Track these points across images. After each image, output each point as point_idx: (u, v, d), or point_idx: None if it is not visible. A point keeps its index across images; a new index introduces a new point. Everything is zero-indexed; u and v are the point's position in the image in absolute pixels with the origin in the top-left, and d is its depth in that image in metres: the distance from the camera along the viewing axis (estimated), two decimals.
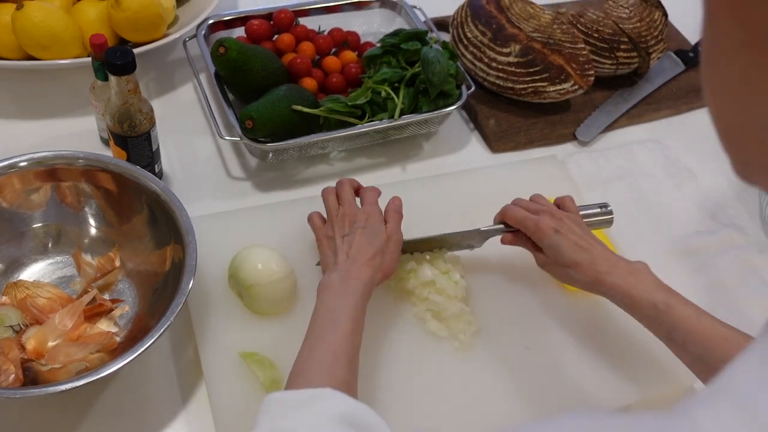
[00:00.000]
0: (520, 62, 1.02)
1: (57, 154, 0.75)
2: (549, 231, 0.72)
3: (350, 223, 0.72)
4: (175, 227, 0.73)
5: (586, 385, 0.76)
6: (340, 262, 0.69)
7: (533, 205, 0.77)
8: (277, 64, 0.94)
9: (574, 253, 0.70)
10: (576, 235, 0.72)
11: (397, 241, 0.73)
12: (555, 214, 0.74)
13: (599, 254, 0.70)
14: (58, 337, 0.70)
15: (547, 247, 0.73)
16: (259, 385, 0.70)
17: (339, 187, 0.77)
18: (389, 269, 0.72)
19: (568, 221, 0.73)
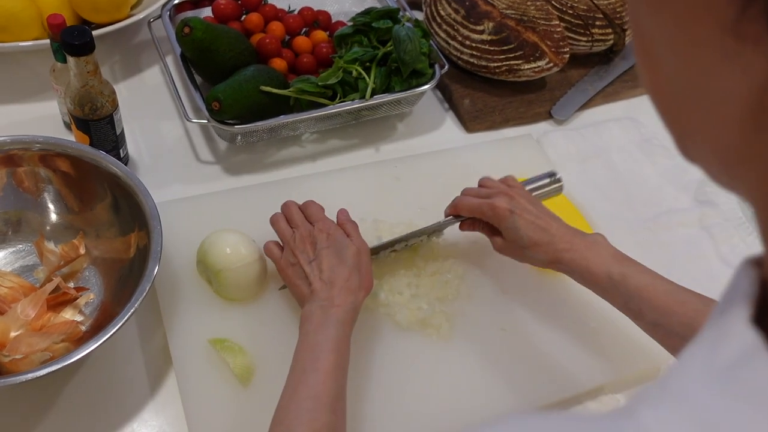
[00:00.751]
0: (494, 40, 1.00)
1: (14, 139, 0.72)
2: (505, 213, 0.70)
3: (311, 245, 0.68)
4: (139, 212, 0.71)
5: (561, 365, 0.75)
6: (317, 290, 0.65)
7: (483, 190, 0.75)
8: (245, 45, 0.91)
9: (532, 232, 0.69)
10: (532, 215, 0.71)
11: (365, 251, 0.70)
12: (507, 192, 0.73)
13: (557, 232, 0.70)
14: (20, 327, 0.68)
15: (505, 230, 0.71)
16: (230, 372, 0.69)
17: (285, 210, 0.74)
18: (369, 283, 0.68)
19: (521, 200, 0.72)
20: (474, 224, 0.76)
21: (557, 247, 0.69)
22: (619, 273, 0.66)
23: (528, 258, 0.72)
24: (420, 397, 0.70)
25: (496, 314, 0.78)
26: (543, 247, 0.69)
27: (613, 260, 0.67)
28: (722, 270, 0.89)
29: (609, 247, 0.69)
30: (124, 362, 0.71)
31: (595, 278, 0.67)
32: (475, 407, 0.70)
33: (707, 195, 0.97)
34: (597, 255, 0.67)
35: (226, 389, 0.68)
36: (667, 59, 0.27)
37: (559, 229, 0.70)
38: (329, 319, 0.62)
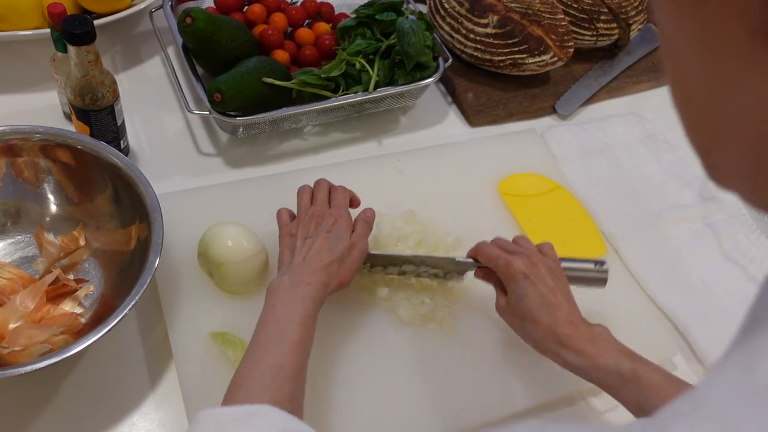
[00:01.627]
0: (498, 33, 0.99)
1: (14, 129, 0.72)
2: (519, 274, 0.65)
3: (316, 224, 0.69)
4: (140, 204, 0.70)
5: None
6: (295, 264, 0.65)
7: (511, 246, 0.69)
8: (247, 36, 0.90)
9: (537, 307, 0.63)
10: (546, 287, 0.64)
11: (360, 250, 0.68)
12: (530, 257, 0.66)
13: (564, 315, 0.63)
14: (19, 318, 0.67)
15: (511, 291, 0.65)
16: (230, 365, 0.68)
17: (316, 186, 0.74)
18: (345, 278, 0.66)
19: (543, 269, 0.65)
20: (489, 275, 0.70)
21: (558, 331, 0.62)
22: (630, 370, 0.59)
23: (524, 332, 0.65)
24: (422, 390, 0.70)
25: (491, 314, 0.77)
26: (543, 327, 0.63)
27: (621, 355, 0.61)
28: (726, 266, 0.88)
29: (614, 341, 0.63)
30: (125, 355, 0.70)
31: (601, 375, 0.60)
32: (476, 401, 0.70)
33: (711, 191, 0.97)
34: (602, 349, 0.61)
35: (227, 382, 0.67)
36: (693, 67, 0.26)
37: (566, 314, 0.63)
38: (298, 293, 0.62)
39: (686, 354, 0.79)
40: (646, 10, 1.10)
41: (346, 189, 0.74)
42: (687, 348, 0.80)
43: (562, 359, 0.62)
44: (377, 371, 0.70)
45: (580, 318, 0.64)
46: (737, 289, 0.86)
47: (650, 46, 1.14)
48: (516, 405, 0.70)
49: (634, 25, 1.08)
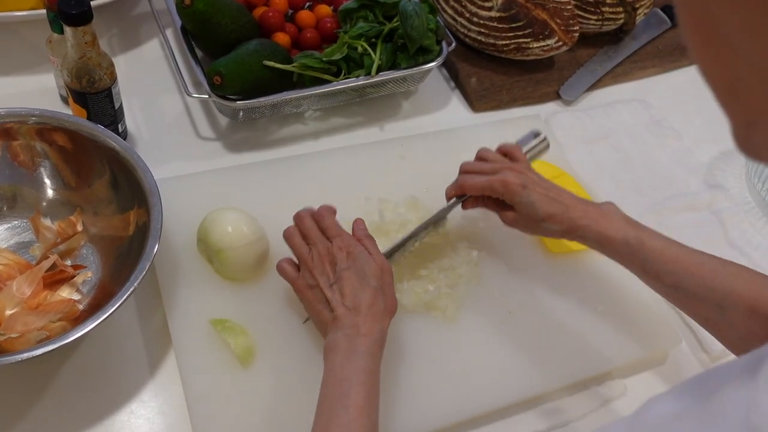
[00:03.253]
0: (503, 17, 0.98)
1: (9, 111, 0.70)
2: (518, 188, 0.70)
3: (331, 265, 0.63)
4: (138, 189, 0.69)
5: (568, 349, 0.74)
6: (341, 317, 0.60)
7: (487, 165, 0.73)
8: (247, 18, 0.89)
9: (547, 205, 0.69)
10: (543, 188, 0.71)
11: (388, 270, 0.65)
12: (514, 167, 0.72)
13: (570, 202, 0.70)
14: (15, 305, 0.66)
15: (518, 204, 0.70)
16: (230, 352, 0.67)
17: (299, 223, 0.68)
18: (393, 306, 0.64)
19: (530, 173, 0.72)
20: (478, 201, 0.75)
21: (572, 216, 0.69)
22: (636, 237, 0.66)
23: (542, 230, 0.71)
24: (425, 379, 0.69)
25: (503, 296, 0.76)
26: (558, 217, 0.69)
27: (628, 226, 0.68)
28: (731, 255, 0.87)
29: (621, 214, 0.69)
30: (123, 342, 0.69)
31: (611, 243, 0.67)
32: (480, 389, 0.69)
33: (717, 179, 0.96)
34: (611, 221, 0.68)
35: (227, 370, 0.67)
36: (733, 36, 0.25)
37: (570, 198, 0.70)
38: (357, 349, 0.58)
39: (691, 343, 0.79)
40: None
41: (330, 209, 0.69)
42: (692, 337, 0.79)
43: (579, 237, 0.69)
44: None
45: (583, 200, 0.71)
46: None
47: (656, 31, 1.13)
48: (520, 393, 0.70)
49: (640, 9, 1.07)
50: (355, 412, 0.54)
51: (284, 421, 0.64)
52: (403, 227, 0.79)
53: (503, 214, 0.73)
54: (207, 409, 0.64)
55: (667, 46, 1.12)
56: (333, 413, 0.55)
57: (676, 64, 1.10)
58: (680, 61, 1.11)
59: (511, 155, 0.76)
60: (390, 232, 0.78)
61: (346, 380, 0.56)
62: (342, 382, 0.56)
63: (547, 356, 0.73)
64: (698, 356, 0.78)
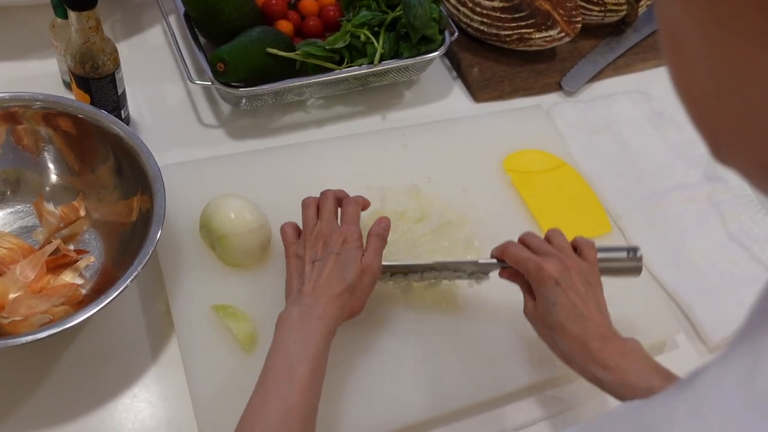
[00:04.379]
0: (506, 7, 0.98)
1: (14, 96, 0.70)
2: (549, 280, 0.61)
3: (324, 245, 0.63)
4: (142, 175, 0.69)
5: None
6: (305, 294, 0.61)
7: (542, 246, 0.65)
8: (250, 5, 0.89)
9: (566, 316, 0.60)
10: (578, 296, 0.61)
11: (372, 274, 0.63)
12: (563, 260, 0.63)
13: (594, 326, 0.60)
14: (19, 288, 0.67)
15: (540, 296, 0.62)
16: (232, 338, 0.68)
17: (322, 199, 0.68)
18: (357, 308, 0.63)
19: (575, 274, 0.62)
20: (515, 275, 0.67)
21: (587, 343, 0.59)
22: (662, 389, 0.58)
23: (551, 341, 0.62)
24: (421, 367, 0.69)
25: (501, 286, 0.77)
26: (571, 337, 0.60)
27: (653, 373, 0.57)
28: (730, 247, 0.88)
29: (646, 357, 0.59)
30: (126, 327, 0.70)
31: (632, 392, 0.56)
32: (478, 378, 0.70)
33: (717, 171, 0.96)
34: (634, 365, 0.57)
35: (229, 355, 0.67)
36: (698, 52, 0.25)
37: (597, 325, 0.60)
38: (310, 328, 0.58)
39: (689, 333, 0.79)
40: None
41: (359, 200, 0.68)
42: (690, 327, 0.80)
43: (590, 373, 0.59)
44: (380, 350, 0.70)
45: (612, 330, 0.61)
46: (741, 269, 0.85)
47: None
48: (519, 381, 0.70)
49: (643, 1, 1.07)
50: (298, 387, 0.54)
51: None
52: (404, 216, 0.80)
53: (527, 301, 0.65)
54: (209, 393, 0.65)
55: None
56: (276, 385, 0.55)
57: None
58: None
59: (581, 250, 0.66)
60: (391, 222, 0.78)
61: (295, 355, 0.56)
62: (290, 357, 0.56)
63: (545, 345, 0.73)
64: (695, 346, 0.78)
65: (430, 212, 0.81)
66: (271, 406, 0.54)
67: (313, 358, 0.56)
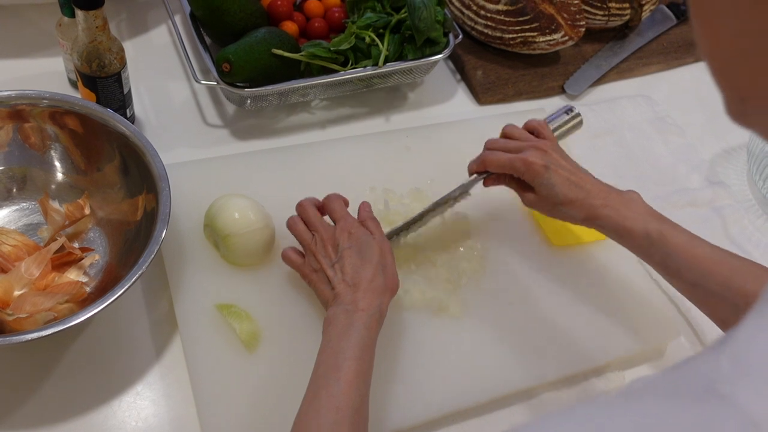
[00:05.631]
0: (510, 11, 0.98)
1: (21, 94, 0.71)
2: (540, 168, 0.68)
3: (333, 247, 0.65)
4: (147, 174, 0.69)
5: (567, 341, 0.75)
6: (341, 293, 0.62)
7: (512, 143, 0.72)
8: (256, 6, 0.89)
9: (567, 190, 0.68)
10: (566, 170, 0.69)
11: (389, 250, 0.66)
12: (539, 146, 0.70)
13: (592, 188, 0.68)
14: (24, 286, 0.67)
15: (538, 185, 0.69)
16: (236, 337, 0.68)
17: (301, 212, 0.70)
18: (394, 284, 0.65)
19: (554, 154, 0.70)
20: (500, 179, 0.73)
21: (592, 203, 0.67)
22: (657, 230, 0.64)
23: (561, 214, 0.70)
24: (425, 368, 0.70)
25: (504, 288, 0.77)
26: (578, 203, 0.67)
27: (650, 217, 0.66)
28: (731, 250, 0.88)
29: (644, 204, 0.68)
30: (130, 325, 0.70)
31: (631, 235, 0.65)
32: (480, 379, 0.70)
33: (719, 176, 0.96)
34: (633, 211, 0.66)
35: (232, 355, 0.68)
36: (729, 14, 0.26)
37: (593, 184, 0.69)
38: (353, 323, 0.59)
39: (689, 336, 0.79)
40: None
41: (337, 195, 0.71)
42: (690, 330, 0.80)
43: (597, 225, 0.67)
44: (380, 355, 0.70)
45: (606, 186, 0.69)
46: None
47: (661, 28, 1.13)
48: (519, 383, 0.71)
49: (646, 6, 1.07)
50: (345, 385, 0.56)
51: (288, 406, 0.65)
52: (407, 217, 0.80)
53: (523, 195, 0.72)
54: (212, 392, 0.65)
55: (672, 43, 1.12)
56: (325, 382, 0.56)
57: (680, 61, 1.11)
58: (684, 58, 1.11)
59: (538, 132, 0.74)
60: (394, 222, 0.79)
61: (341, 353, 0.58)
62: (337, 354, 0.58)
63: (547, 348, 0.74)
64: (696, 349, 0.79)
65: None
66: (321, 402, 0.55)
67: (359, 351, 0.58)
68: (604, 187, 0.69)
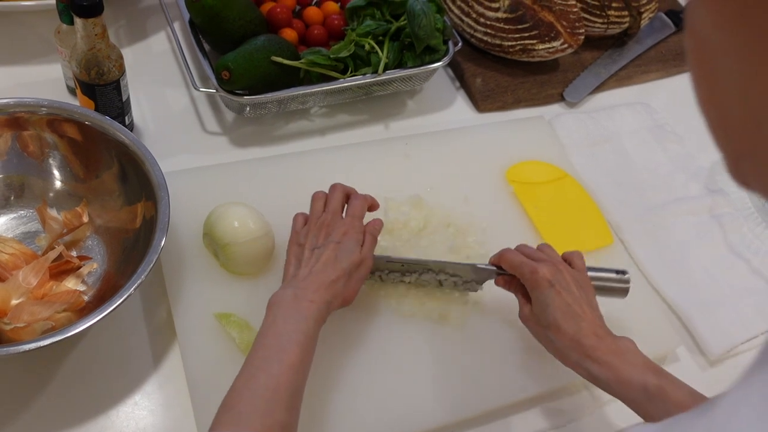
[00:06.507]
0: (509, 18, 0.98)
1: (19, 101, 0.70)
2: (543, 281, 0.63)
3: (326, 234, 0.66)
4: (146, 182, 0.69)
5: None
6: (300, 277, 0.62)
7: (536, 253, 0.68)
8: (255, 13, 0.89)
9: (561, 315, 0.61)
10: (571, 296, 0.63)
11: (366, 267, 0.66)
12: (557, 264, 0.65)
13: (588, 325, 0.61)
14: (21, 295, 0.66)
15: (535, 299, 0.64)
16: (234, 347, 0.68)
17: (331, 192, 0.71)
18: (349, 296, 0.64)
19: (568, 276, 0.64)
20: (510, 283, 0.69)
21: (582, 342, 0.60)
22: (656, 386, 0.57)
23: (547, 341, 0.64)
24: (426, 378, 0.69)
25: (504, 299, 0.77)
26: (567, 336, 0.61)
27: (647, 370, 0.58)
28: (730, 260, 0.88)
29: (640, 355, 0.61)
30: (128, 334, 0.70)
31: (625, 388, 0.58)
32: (481, 389, 0.70)
33: (718, 184, 0.96)
34: (627, 362, 0.59)
35: (231, 364, 0.66)
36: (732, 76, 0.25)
37: (591, 324, 0.62)
38: (301, 311, 0.59)
39: (689, 345, 0.79)
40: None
41: (366, 198, 0.71)
42: (690, 340, 0.80)
43: (585, 370, 0.60)
44: (382, 364, 0.70)
45: (605, 329, 0.62)
46: (741, 281, 0.86)
47: (659, 36, 1.13)
48: (520, 392, 0.70)
49: (645, 14, 1.07)
50: (286, 367, 0.55)
51: None
52: (407, 225, 0.80)
53: (522, 305, 0.67)
54: (210, 402, 0.64)
55: (671, 51, 1.12)
56: (265, 363, 0.56)
57: (679, 69, 1.11)
58: (683, 66, 1.11)
59: (570, 261, 0.68)
60: (394, 230, 0.79)
61: (286, 335, 0.57)
62: (281, 336, 0.57)
63: (547, 357, 0.73)
64: (696, 359, 0.79)
65: (433, 222, 0.81)
66: (259, 381, 0.54)
67: (303, 338, 0.57)
68: (600, 329, 0.62)
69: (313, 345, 0.59)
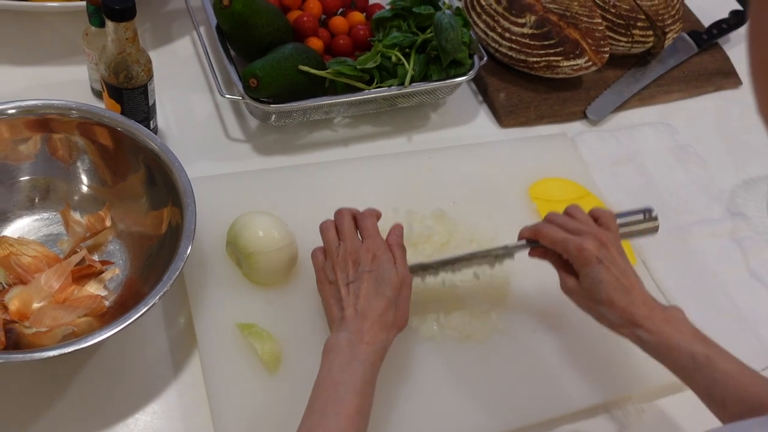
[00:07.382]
0: (535, 34, 0.98)
1: (47, 104, 0.70)
2: (592, 259, 0.63)
3: (354, 264, 0.63)
4: (173, 188, 0.68)
5: (590, 372, 0.74)
6: (348, 319, 0.60)
7: (572, 223, 0.67)
8: (282, 21, 0.88)
9: (613, 290, 0.62)
10: (619, 270, 0.64)
11: (408, 284, 0.64)
12: (600, 237, 0.65)
13: (638, 296, 0.63)
14: (43, 298, 0.66)
15: (584, 276, 0.64)
16: (256, 358, 0.67)
17: (338, 218, 0.68)
18: (403, 322, 0.63)
19: (612, 249, 0.65)
20: (548, 254, 0.69)
21: (634, 312, 0.62)
22: (704, 354, 0.59)
23: (598, 314, 0.65)
24: (444, 397, 0.69)
25: (527, 316, 0.76)
26: (619, 308, 0.62)
27: (695, 339, 0.60)
28: (751, 283, 0.88)
29: (689, 323, 0.62)
30: (148, 341, 0.69)
31: (673, 354, 0.60)
32: (500, 409, 0.69)
33: (739, 207, 0.96)
34: (677, 330, 0.61)
35: (252, 375, 0.67)
36: None
37: (640, 293, 0.63)
38: (356, 356, 0.57)
39: None
40: (681, 19, 1.09)
41: (373, 212, 0.68)
42: None
43: (636, 337, 0.62)
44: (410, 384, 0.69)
45: (653, 298, 0.64)
46: (762, 306, 0.85)
47: (682, 56, 1.13)
48: (540, 414, 0.70)
49: (670, 33, 1.07)
50: (345, 420, 0.54)
51: None
52: (430, 240, 0.79)
53: (565, 279, 0.67)
54: (230, 414, 0.64)
55: (693, 72, 1.12)
56: (323, 416, 0.54)
57: (700, 90, 1.11)
58: (705, 87, 1.11)
59: (602, 222, 0.68)
60: (418, 244, 0.78)
61: (342, 385, 0.56)
62: (337, 386, 0.56)
63: (569, 378, 0.73)
64: None
65: (456, 237, 0.80)
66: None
67: (360, 386, 0.56)
68: (649, 298, 0.64)
69: (371, 389, 0.58)
